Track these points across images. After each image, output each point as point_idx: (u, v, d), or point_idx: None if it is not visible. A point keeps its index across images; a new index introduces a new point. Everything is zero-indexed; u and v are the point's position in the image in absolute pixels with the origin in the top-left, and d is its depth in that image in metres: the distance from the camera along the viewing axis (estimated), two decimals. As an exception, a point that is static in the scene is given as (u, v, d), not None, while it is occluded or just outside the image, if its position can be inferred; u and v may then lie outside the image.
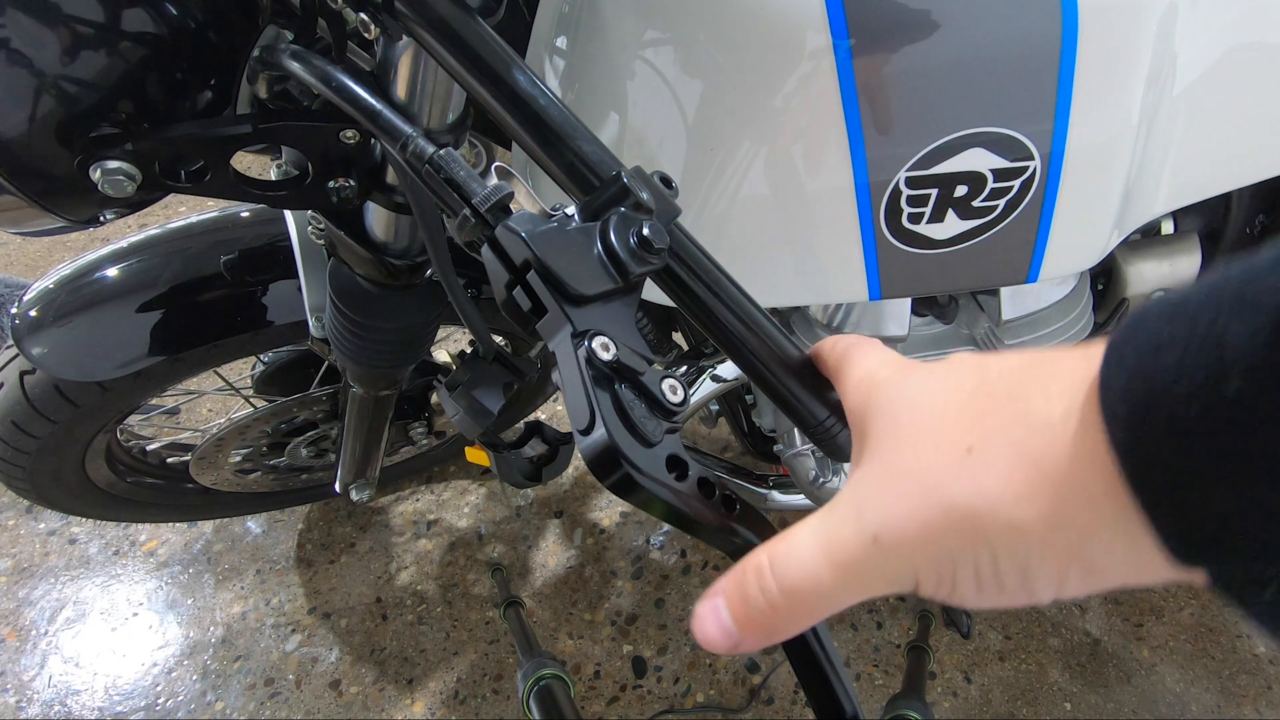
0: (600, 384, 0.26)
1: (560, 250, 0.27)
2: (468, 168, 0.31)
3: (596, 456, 0.26)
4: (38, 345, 0.75)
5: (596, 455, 0.26)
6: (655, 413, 0.27)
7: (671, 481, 0.27)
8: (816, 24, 0.49)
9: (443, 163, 0.31)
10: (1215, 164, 0.60)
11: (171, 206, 1.98)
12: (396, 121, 0.36)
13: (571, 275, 0.27)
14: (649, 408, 0.27)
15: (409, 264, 0.64)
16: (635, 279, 0.28)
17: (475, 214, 0.29)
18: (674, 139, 0.56)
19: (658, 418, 0.27)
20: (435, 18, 0.38)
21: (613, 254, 0.28)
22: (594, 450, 0.26)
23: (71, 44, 0.40)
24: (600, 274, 0.28)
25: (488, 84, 0.38)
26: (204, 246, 0.81)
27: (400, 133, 0.34)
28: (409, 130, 0.34)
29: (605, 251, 0.28)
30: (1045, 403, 0.20)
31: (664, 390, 0.27)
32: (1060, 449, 0.19)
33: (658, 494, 0.26)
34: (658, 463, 0.26)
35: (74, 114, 0.42)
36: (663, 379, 0.28)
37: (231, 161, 0.48)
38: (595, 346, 0.26)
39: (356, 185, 0.53)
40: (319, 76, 0.41)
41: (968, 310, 0.74)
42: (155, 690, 1.17)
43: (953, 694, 1.16)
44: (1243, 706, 1.13)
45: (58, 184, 0.44)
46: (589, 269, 0.27)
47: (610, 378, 0.27)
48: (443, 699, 1.16)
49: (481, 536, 1.36)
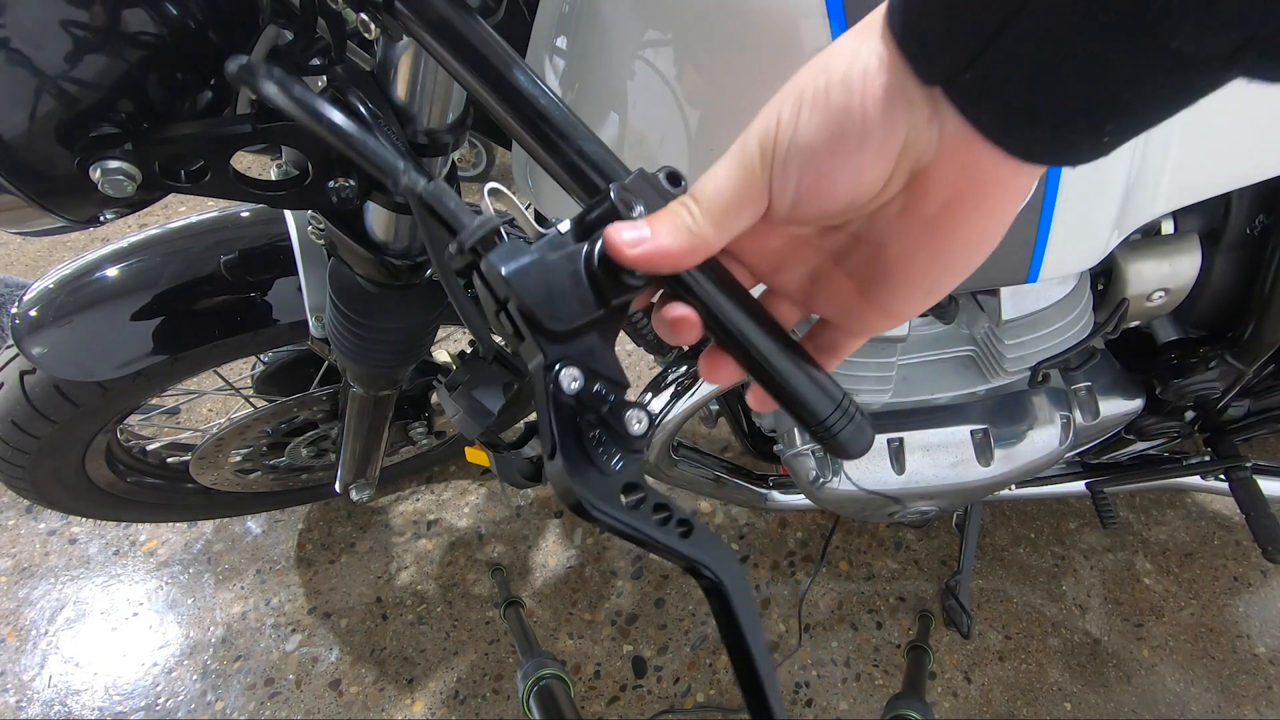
0: (565, 414, 0.28)
1: (540, 284, 0.28)
2: (457, 200, 0.31)
3: (555, 484, 0.29)
4: (38, 345, 0.75)
5: (556, 486, 0.29)
6: (616, 444, 0.29)
7: (622, 511, 0.29)
8: (817, 24, 0.49)
9: (431, 200, 0.31)
10: (1215, 164, 0.59)
11: (171, 206, 1.97)
12: (386, 155, 0.36)
13: (548, 312, 0.28)
14: (611, 438, 0.29)
15: (409, 264, 0.64)
16: (616, 305, 0.29)
17: (460, 249, 0.29)
18: (674, 138, 0.56)
19: (619, 449, 0.29)
20: (435, 18, 0.38)
21: (595, 280, 0.28)
22: (553, 478, 0.29)
23: (71, 44, 0.40)
24: (581, 303, 0.28)
25: (488, 85, 0.38)
26: (204, 246, 0.81)
27: (391, 167, 0.34)
28: (399, 165, 0.34)
29: (588, 276, 0.29)
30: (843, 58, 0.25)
31: (627, 421, 0.29)
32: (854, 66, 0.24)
33: (605, 523, 0.29)
34: (614, 489, 0.29)
35: (74, 114, 0.42)
36: (628, 410, 0.29)
37: (231, 161, 0.48)
38: (563, 379, 0.28)
39: (356, 185, 0.53)
40: (304, 108, 0.39)
41: (968, 310, 0.74)
42: (155, 690, 1.17)
43: (953, 694, 1.16)
44: (1243, 706, 1.13)
45: (58, 184, 0.44)
46: (569, 300, 0.28)
47: (574, 410, 0.28)
48: (443, 699, 1.16)
49: (481, 536, 1.36)
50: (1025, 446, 0.79)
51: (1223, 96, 0.20)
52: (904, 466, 0.80)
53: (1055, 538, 1.34)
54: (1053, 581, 1.28)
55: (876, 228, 0.28)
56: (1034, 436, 0.79)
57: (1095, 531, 1.34)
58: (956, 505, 0.98)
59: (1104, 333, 0.72)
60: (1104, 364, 0.83)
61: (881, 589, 1.28)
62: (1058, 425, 0.79)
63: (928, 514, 0.92)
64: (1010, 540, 1.34)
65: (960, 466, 0.79)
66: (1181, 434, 0.93)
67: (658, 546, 0.30)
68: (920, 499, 0.85)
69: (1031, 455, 0.79)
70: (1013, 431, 0.79)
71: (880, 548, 1.34)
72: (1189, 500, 1.39)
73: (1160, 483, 1.02)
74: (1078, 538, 1.34)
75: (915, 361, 0.78)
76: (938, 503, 0.88)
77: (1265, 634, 1.21)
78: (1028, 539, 1.34)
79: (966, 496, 0.91)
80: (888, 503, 0.85)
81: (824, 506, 0.95)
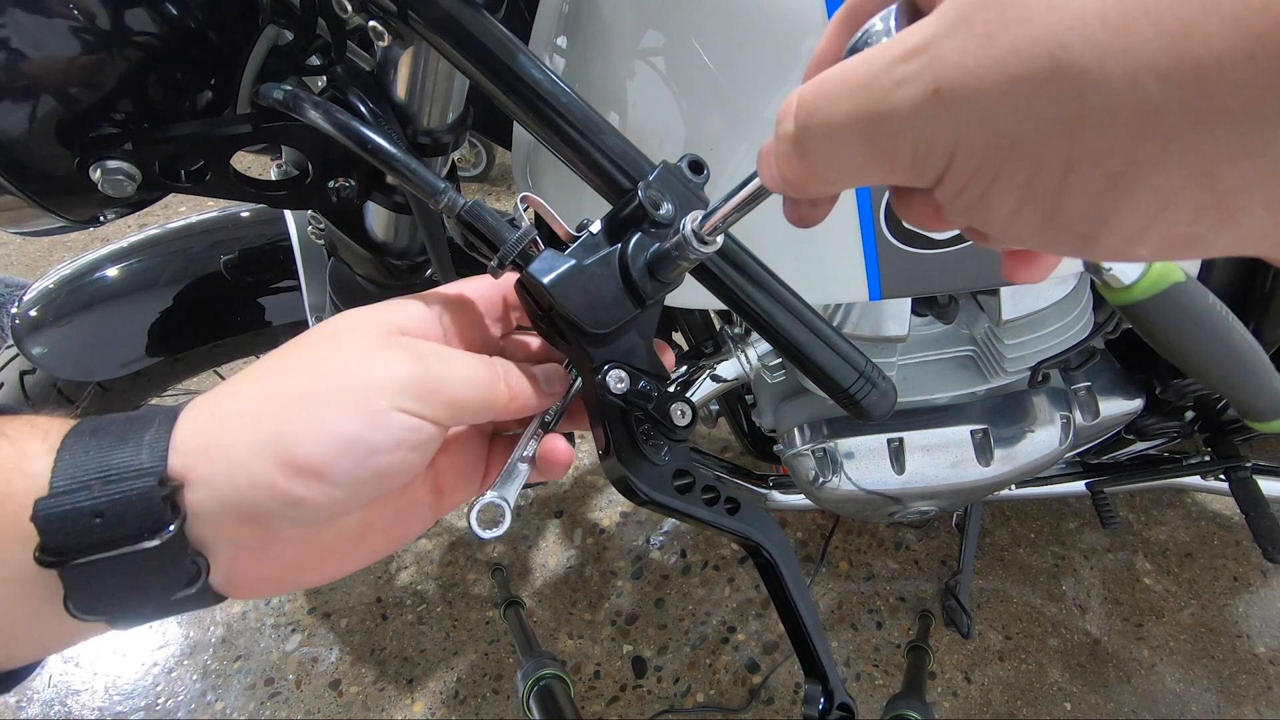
0: (614, 413, 0.30)
1: (580, 290, 0.29)
2: (495, 214, 0.32)
3: (612, 479, 0.32)
4: (38, 345, 0.75)
5: (612, 478, 0.31)
6: (663, 435, 0.31)
7: (674, 495, 0.32)
8: (816, 24, 0.49)
9: (470, 217, 0.32)
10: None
11: (171, 206, 1.97)
12: (429, 177, 0.37)
13: (590, 317, 0.29)
14: (658, 431, 0.31)
15: (409, 264, 0.64)
16: (652, 303, 0.31)
17: (501, 263, 0.31)
18: (674, 138, 0.56)
19: (665, 439, 0.31)
20: (447, 20, 0.38)
21: (629, 281, 0.30)
22: (609, 474, 0.31)
23: (72, 44, 0.40)
24: (619, 304, 0.30)
25: (506, 85, 0.38)
26: (204, 246, 0.81)
27: (433, 188, 0.35)
28: (441, 185, 0.35)
29: (623, 278, 0.30)
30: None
31: (672, 414, 0.31)
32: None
33: (660, 508, 0.31)
34: (665, 477, 0.31)
35: (74, 114, 0.42)
36: (672, 404, 0.31)
37: (231, 161, 0.48)
38: (610, 380, 0.30)
39: (356, 185, 0.53)
40: (352, 136, 0.41)
41: (968, 310, 0.74)
42: (155, 690, 1.17)
43: (953, 694, 1.16)
44: (1243, 706, 1.13)
45: (58, 184, 0.44)
46: (608, 304, 0.30)
47: (622, 408, 0.30)
48: (443, 699, 1.16)
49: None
50: (1025, 446, 0.79)
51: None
52: (904, 466, 0.80)
53: (1055, 538, 1.34)
54: (1053, 581, 1.28)
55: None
56: (1034, 436, 0.79)
57: (1095, 531, 1.34)
58: (956, 505, 0.98)
59: (1104, 333, 0.72)
60: (1104, 364, 0.83)
61: (881, 589, 1.28)
62: (1058, 425, 0.79)
63: (928, 514, 0.92)
64: (1010, 540, 1.34)
65: (960, 466, 0.79)
66: (1181, 434, 0.93)
67: (708, 524, 0.33)
68: (920, 499, 0.85)
69: (1031, 455, 0.79)
70: (1013, 431, 0.79)
71: (880, 548, 1.34)
72: (1189, 500, 1.39)
73: (1160, 483, 1.02)
74: (1078, 538, 1.34)
75: (915, 361, 0.78)
76: (938, 503, 0.88)
77: (1265, 634, 1.21)
78: (1028, 539, 1.34)
79: (966, 496, 0.91)
80: (888, 503, 0.85)
81: (824, 506, 0.95)
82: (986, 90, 0.15)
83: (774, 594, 0.37)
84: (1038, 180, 0.15)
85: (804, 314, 0.34)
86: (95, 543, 0.23)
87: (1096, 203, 0.15)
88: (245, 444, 0.25)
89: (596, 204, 0.35)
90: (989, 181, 0.16)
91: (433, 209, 0.35)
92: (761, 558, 0.35)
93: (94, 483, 0.24)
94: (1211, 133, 0.13)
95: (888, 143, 0.17)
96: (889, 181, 0.18)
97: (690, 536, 1.35)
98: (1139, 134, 0.14)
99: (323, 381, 0.26)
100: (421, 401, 0.26)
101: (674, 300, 0.45)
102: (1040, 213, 0.16)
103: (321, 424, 0.25)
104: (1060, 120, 0.14)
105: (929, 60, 0.16)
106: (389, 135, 0.41)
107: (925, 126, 0.16)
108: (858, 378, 0.34)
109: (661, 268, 0.29)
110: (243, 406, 0.26)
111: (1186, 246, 0.15)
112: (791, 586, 0.36)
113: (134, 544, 0.24)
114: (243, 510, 0.25)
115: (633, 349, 0.31)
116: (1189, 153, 0.13)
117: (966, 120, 0.15)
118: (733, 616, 1.25)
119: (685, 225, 0.28)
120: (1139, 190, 0.14)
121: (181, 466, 0.25)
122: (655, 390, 0.31)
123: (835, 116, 0.18)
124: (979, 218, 0.17)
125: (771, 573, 0.36)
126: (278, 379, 0.27)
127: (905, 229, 0.57)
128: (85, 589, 0.24)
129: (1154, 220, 0.15)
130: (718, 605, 1.26)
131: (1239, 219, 0.14)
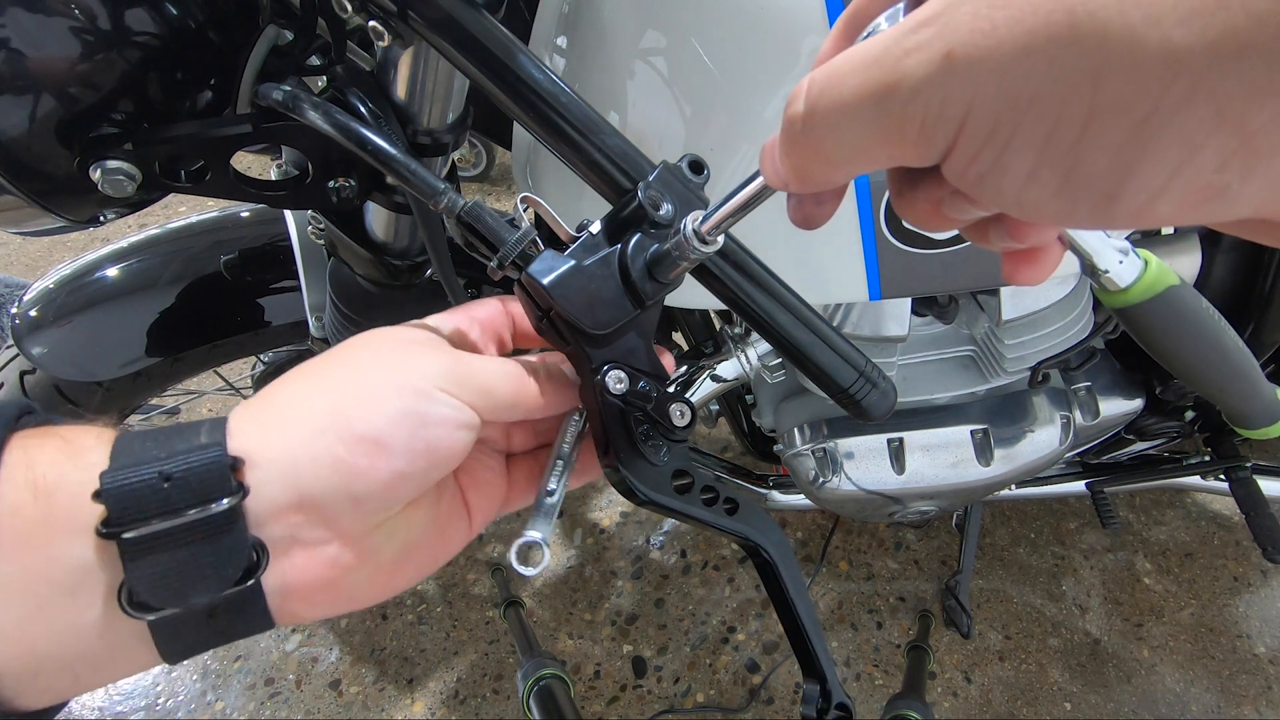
0: (613, 413, 0.30)
1: (580, 291, 0.29)
2: (495, 215, 0.32)
3: (611, 479, 0.31)
4: (38, 345, 0.75)
5: (611, 479, 0.31)
6: (663, 435, 0.31)
7: (673, 496, 0.31)
8: (816, 24, 0.50)
9: (470, 217, 0.32)
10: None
11: (171, 206, 1.98)
12: (429, 178, 0.37)
13: (590, 318, 0.29)
14: (657, 431, 0.31)
15: (409, 264, 0.64)
16: (651, 303, 0.31)
17: (501, 264, 0.31)
18: (673, 138, 0.56)
19: (664, 440, 0.31)
20: (447, 20, 0.38)
21: (629, 281, 0.30)
22: (609, 474, 0.31)
23: (72, 44, 0.40)
24: (618, 305, 0.30)
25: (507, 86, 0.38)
26: (204, 246, 0.81)
27: (433, 188, 0.36)
28: (440, 185, 0.36)
29: (623, 278, 0.30)
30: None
31: (671, 414, 0.31)
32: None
33: (659, 508, 0.31)
34: (664, 478, 0.31)
35: (74, 114, 0.42)
36: (671, 404, 0.31)
37: (231, 161, 0.48)
38: (609, 381, 0.30)
39: (356, 185, 0.53)
40: (351, 137, 0.42)
41: (968, 310, 0.74)
42: (155, 690, 1.17)
43: (953, 694, 1.16)
44: (1243, 706, 1.13)
45: (58, 184, 0.44)
46: (607, 304, 0.30)
47: (621, 408, 0.30)
48: (443, 699, 1.16)
49: (481, 536, 1.36)
50: (1025, 446, 0.79)
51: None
52: (904, 466, 0.80)
53: (1055, 538, 1.34)
54: (1053, 581, 1.28)
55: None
56: (1034, 436, 0.79)
57: (1095, 531, 1.34)
58: (956, 505, 0.98)
59: (1104, 333, 0.72)
60: (1104, 364, 0.83)
61: (881, 589, 1.28)
62: (1058, 425, 0.79)
63: (928, 514, 0.92)
64: (1010, 540, 1.34)
65: (960, 466, 0.79)
66: (1181, 434, 0.93)
67: (708, 524, 0.33)
68: (920, 499, 0.85)
69: (1031, 455, 0.79)
70: (1013, 431, 0.79)
71: (880, 548, 1.34)
72: (1189, 500, 1.39)
73: (1160, 483, 1.02)
74: (1078, 538, 1.34)
75: (915, 361, 0.78)
76: (938, 503, 0.88)
77: (1265, 634, 1.21)
78: (1028, 539, 1.34)
79: (966, 496, 0.91)
80: (888, 503, 0.85)
81: (824, 506, 0.95)
82: (1003, 50, 0.15)
83: (773, 594, 0.37)
84: (1056, 136, 0.15)
85: (804, 314, 0.34)
86: (160, 510, 0.23)
87: (1120, 154, 0.14)
88: (304, 425, 0.26)
89: (596, 204, 0.35)
90: (1004, 144, 0.16)
91: (433, 209, 0.35)
92: (761, 558, 0.35)
93: (157, 459, 0.24)
94: (1237, 71, 0.13)
95: (898, 112, 0.17)
96: (896, 160, 0.18)
97: (690, 536, 1.35)
98: (1164, 77, 0.13)
99: (367, 374, 0.28)
100: (459, 386, 0.28)
101: (674, 300, 0.46)
102: (1059, 173, 0.15)
103: (377, 401, 0.27)
104: (1082, 71, 0.14)
105: (941, 27, 0.16)
106: (389, 136, 0.42)
107: (937, 92, 0.16)
108: (858, 378, 0.34)
109: (661, 268, 0.29)
110: (294, 398, 0.28)
111: (1212, 200, 0.15)
112: (790, 587, 0.36)
113: (202, 509, 0.24)
114: (302, 490, 0.25)
115: (632, 349, 0.31)
116: (1216, 93, 0.13)
117: (981, 82, 0.15)
118: (733, 616, 1.25)
119: (685, 225, 0.28)
120: (1164, 136, 0.14)
121: (241, 448, 0.25)
122: (654, 391, 0.31)
123: (846, 92, 0.18)
124: (991, 188, 0.17)
125: (771, 573, 0.36)
126: (323, 373, 0.29)
127: (905, 229, 0.57)
128: (142, 569, 0.23)
129: (1179, 169, 0.14)
130: (718, 605, 1.26)
131: (1268, 162, 0.14)
